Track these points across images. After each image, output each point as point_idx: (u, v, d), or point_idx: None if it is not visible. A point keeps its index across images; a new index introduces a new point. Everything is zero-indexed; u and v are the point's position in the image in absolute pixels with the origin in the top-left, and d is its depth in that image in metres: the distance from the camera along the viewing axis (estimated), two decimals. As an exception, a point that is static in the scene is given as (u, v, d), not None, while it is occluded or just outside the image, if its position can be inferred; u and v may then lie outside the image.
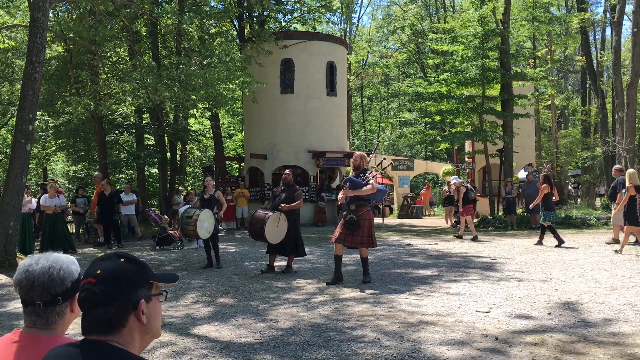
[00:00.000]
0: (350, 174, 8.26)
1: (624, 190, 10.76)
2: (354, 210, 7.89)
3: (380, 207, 20.62)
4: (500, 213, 19.25)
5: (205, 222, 9.71)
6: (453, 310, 6.21)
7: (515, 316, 5.86)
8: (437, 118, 20.97)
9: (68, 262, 1.73)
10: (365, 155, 8.40)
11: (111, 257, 1.51)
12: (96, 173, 17.78)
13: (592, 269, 8.86)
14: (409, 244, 13.24)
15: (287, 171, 9.66)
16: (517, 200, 18.91)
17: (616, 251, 10.66)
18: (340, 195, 8.09)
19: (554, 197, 12.24)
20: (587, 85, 34.04)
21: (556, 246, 11.84)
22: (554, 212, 12.54)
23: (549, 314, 5.93)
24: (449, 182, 21.34)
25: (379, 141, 31.06)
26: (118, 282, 1.45)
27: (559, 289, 7.28)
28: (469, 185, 15.70)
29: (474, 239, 13.64)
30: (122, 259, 1.50)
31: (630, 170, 11.04)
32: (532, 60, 28.18)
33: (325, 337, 5.20)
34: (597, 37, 38.14)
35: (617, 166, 13.17)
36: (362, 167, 8.12)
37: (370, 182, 7.85)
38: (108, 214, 14.24)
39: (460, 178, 16.78)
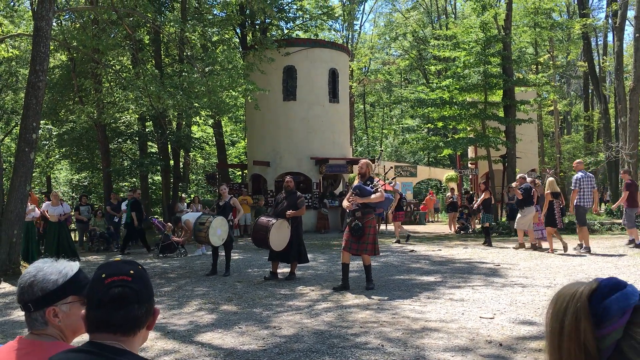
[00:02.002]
0: (356, 181, 8.26)
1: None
2: (359, 217, 7.90)
3: (385, 213, 20.60)
4: (503, 219, 19.20)
5: (218, 230, 9.71)
6: (457, 316, 6.19)
7: (520, 322, 5.84)
8: (440, 124, 20.97)
9: (50, 272, 1.71)
10: (371, 162, 8.43)
11: (131, 262, 1.53)
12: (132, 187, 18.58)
13: (596, 274, 8.82)
14: (412, 250, 13.21)
15: (288, 178, 9.66)
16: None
17: (530, 247, 12.37)
18: (345, 203, 8.09)
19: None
20: (590, 91, 34.04)
21: (485, 245, 13.81)
22: (492, 215, 14.24)
23: (553, 319, 5.90)
24: (452, 188, 21.37)
25: (382, 150, 31.08)
26: (148, 284, 1.49)
27: (563, 294, 7.24)
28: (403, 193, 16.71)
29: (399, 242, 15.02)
30: (139, 267, 1.52)
31: (550, 179, 12.38)
32: (534, 66, 28.19)
33: (328, 344, 5.19)
34: (599, 42, 38.17)
35: (522, 174, 13.98)
36: (368, 175, 8.13)
37: (379, 190, 7.89)
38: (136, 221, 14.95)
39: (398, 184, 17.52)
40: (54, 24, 15.45)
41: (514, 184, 13.70)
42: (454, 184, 23.61)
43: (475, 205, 15.21)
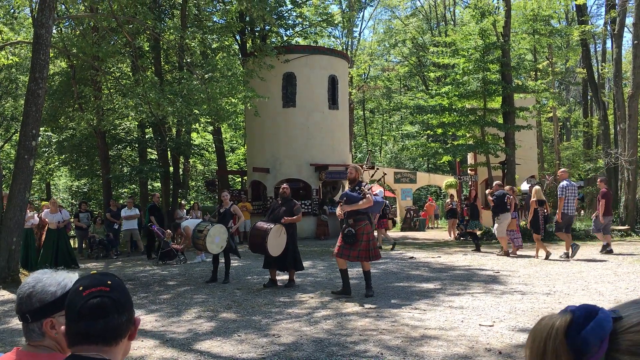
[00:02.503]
0: (346, 187, 8.19)
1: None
2: (352, 224, 7.86)
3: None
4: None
5: (216, 237, 9.67)
6: (456, 324, 6.18)
7: (519, 330, 5.83)
8: (439, 131, 21.00)
9: (49, 283, 1.70)
10: (360, 167, 8.36)
11: (107, 274, 1.53)
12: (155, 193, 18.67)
13: (595, 281, 8.82)
14: (412, 257, 13.20)
15: (284, 185, 9.63)
16: (519, 213, 18.85)
17: (507, 254, 12.90)
18: (338, 211, 8.06)
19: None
20: (589, 97, 34.05)
21: (474, 250, 14.25)
22: (479, 222, 14.62)
23: (553, 327, 5.88)
24: (451, 195, 21.36)
25: (370, 150, 31.00)
26: (127, 293, 1.49)
27: (562, 302, 7.24)
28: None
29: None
30: (116, 277, 1.53)
31: (536, 187, 13.00)
32: (533, 73, 28.25)
33: (327, 352, 5.18)
34: (597, 49, 38.23)
35: (498, 182, 14.64)
36: (357, 180, 8.03)
37: (367, 195, 7.76)
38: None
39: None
40: (54, 31, 15.49)
41: (488, 191, 14.40)
42: (453, 190, 23.60)
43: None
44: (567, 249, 12.09)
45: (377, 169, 22.49)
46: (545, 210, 12.61)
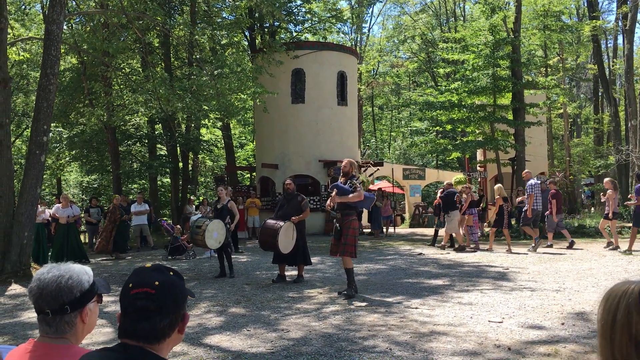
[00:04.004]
0: (339, 180, 8.11)
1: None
2: (339, 218, 7.83)
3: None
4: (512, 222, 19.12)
5: (214, 233, 9.73)
6: (465, 320, 6.17)
7: (528, 326, 5.82)
8: (448, 127, 20.93)
9: (79, 272, 1.74)
10: (355, 162, 8.29)
11: (162, 269, 1.54)
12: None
13: (605, 278, 8.77)
14: (420, 254, 13.19)
15: (288, 181, 9.64)
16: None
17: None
18: (328, 202, 8.03)
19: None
20: (600, 94, 33.83)
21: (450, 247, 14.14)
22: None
23: (563, 324, 5.88)
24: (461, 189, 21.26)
25: (368, 145, 30.89)
26: (175, 295, 1.50)
27: (572, 298, 7.21)
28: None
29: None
30: (171, 272, 1.54)
31: (497, 185, 13.63)
32: (544, 69, 28.08)
33: (336, 347, 5.19)
34: (609, 45, 37.91)
35: (448, 181, 15.23)
36: (351, 174, 7.93)
37: (358, 189, 7.68)
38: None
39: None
40: (65, 27, 15.57)
41: (439, 190, 15.38)
42: (461, 187, 23.50)
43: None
44: (533, 241, 13.18)
45: (378, 169, 22.41)
46: (509, 206, 13.56)
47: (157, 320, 1.46)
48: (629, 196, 13.49)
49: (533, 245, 13.05)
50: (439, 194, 14.54)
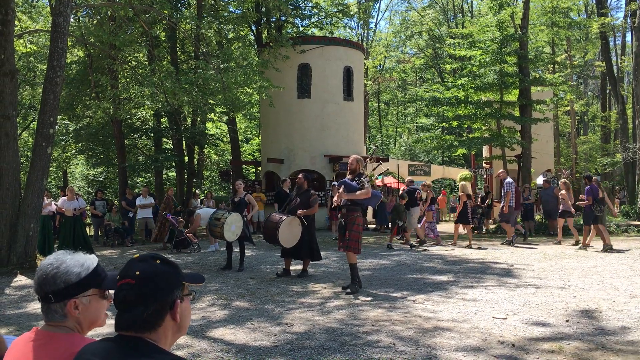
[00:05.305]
0: (347, 177, 8.08)
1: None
2: (344, 214, 7.84)
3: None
4: (518, 219, 19.07)
5: (232, 225, 9.81)
6: (469, 316, 6.17)
7: (533, 323, 5.80)
8: (455, 123, 20.86)
9: (71, 264, 1.73)
10: (362, 159, 8.26)
11: (147, 259, 1.55)
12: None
13: (611, 276, 8.75)
14: (425, 249, 13.18)
15: (300, 175, 9.60)
16: (534, 207, 18.73)
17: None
18: (335, 198, 8.02)
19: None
20: (607, 91, 33.68)
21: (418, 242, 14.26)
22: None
23: (567, 321, 5.86)
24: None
25: (377, 146, 30.93)
26: (156, 283, 1.50)
27: (577, 296, 7.19)
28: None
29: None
30: (157, 261, 1.54)
31: (462, 182, 14.51)
32: (551, 66, 27.92)
33: (340, 342, 5.20)
34: (617, 42, 37.72)
35: (410, 178, 15.65)
36: (358, 171, 7.92)
37: (365, 186, 7.67)
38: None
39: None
40: (72, 20, 15.59)
41: (402, 187, 15.90)
42: (467, 183, 23.47)
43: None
44: (508, 237, 13.93)
45: (381, 163, 22.34)
46: (473, 203, 14.17)
47: (139, 310, 1.46)
48: (580, 196, 13.65)
49: (508, 239, 13.88)
50: (401, 191, 14.99)
